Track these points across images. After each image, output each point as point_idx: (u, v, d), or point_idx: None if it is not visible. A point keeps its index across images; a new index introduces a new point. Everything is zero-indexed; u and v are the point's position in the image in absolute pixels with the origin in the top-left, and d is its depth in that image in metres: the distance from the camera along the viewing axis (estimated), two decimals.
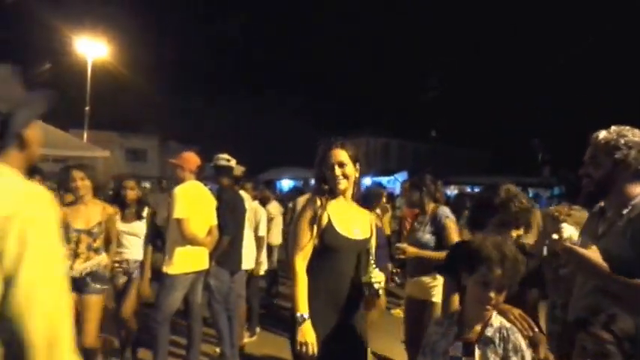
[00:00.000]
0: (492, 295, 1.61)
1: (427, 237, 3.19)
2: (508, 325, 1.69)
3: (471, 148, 34.09)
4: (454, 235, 3.12)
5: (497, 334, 1.65)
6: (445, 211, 3.25)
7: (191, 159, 3.77)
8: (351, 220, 2.18)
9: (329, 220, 2.09)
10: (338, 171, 2.10)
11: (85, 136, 14.90)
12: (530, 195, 10.99)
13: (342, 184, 2.11)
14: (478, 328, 1.68)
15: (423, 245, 3.17)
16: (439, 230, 3.17)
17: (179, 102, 20.23)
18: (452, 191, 17.36)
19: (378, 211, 5.00)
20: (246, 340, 4.58)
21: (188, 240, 3.47)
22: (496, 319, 1.69)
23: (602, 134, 1.79)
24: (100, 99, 15.95)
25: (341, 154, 2.11)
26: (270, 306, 5.79)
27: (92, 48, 15.92)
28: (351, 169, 2.14)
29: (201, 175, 3.93)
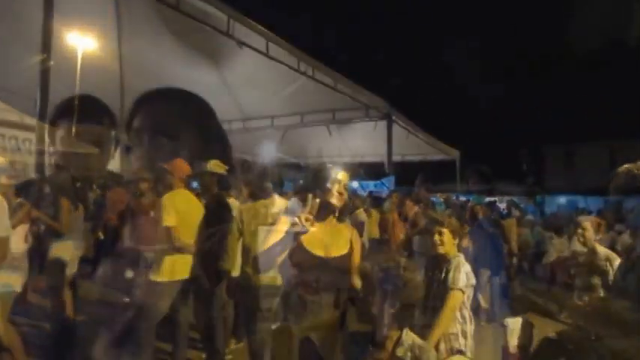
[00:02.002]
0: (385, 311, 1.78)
1: None
2: (420, 342, 1.77)
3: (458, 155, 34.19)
4: None
5: (409, 353, 1.72)
6: None
7: (181, 167, 3.79)
8: (331, 238, 2.31)
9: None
10: (341, 188, 2.28)
11: (74, 130, 14.65)
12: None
13: (340, 200, 2.28)
14: (390, 347, 1.77)
15: None
16: None
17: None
18: (438, 198, 17.41)
19: None
20: (232, 346, 4.60)
21: (177, 247, 3.51)
22: (408, 337, 1.76)
23: (626, 165, 2.04)
24: (91, 93, 15.69)
25: (344, 176, 2.36)
26: None
27: (83, 41, 15.65)
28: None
29: (191, 179, 3.97)
